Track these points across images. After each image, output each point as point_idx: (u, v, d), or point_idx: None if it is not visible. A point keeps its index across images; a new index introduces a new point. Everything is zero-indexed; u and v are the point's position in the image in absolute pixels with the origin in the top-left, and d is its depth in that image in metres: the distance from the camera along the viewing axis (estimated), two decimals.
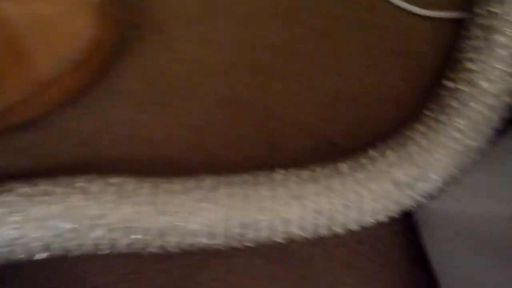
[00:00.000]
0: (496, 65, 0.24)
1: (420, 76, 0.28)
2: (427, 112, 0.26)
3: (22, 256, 0.20)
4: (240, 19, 0.27)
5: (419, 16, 0.28)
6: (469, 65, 0.25)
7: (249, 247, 0.23)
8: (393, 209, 0.23)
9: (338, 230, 0.23)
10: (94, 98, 0.25)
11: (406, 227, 0.27)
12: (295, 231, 0.22)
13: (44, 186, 0.20)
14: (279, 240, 0.23)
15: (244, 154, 0.26)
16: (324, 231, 0.23)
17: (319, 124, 0.27)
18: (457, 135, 0.24)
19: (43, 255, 0.20)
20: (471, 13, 0.27)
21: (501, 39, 0.25)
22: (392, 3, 0.28)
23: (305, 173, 0.23)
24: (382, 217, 0.23)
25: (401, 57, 0.28)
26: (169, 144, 0.25)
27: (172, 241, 0.21)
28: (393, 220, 0.26)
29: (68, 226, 0.19)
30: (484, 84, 0.24)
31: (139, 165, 0.25)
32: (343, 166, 0.23)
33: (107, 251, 0.21)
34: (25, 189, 0.20)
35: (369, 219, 0.23)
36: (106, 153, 0.24)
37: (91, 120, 0.25)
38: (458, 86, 0.25)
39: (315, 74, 0.27)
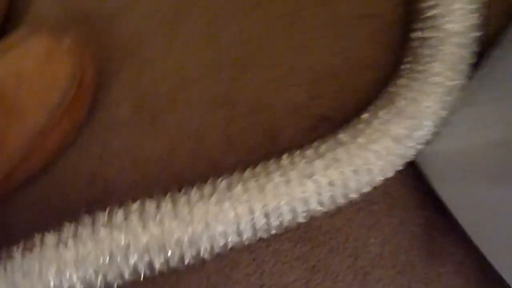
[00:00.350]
0: (456, 6, 0.26)
1: (390, 33, 0.29)
2: (405, 66, 0.27)
3: None
4: (208, 22, 0.27)
5: None
6: (431, 12, 0.26)
7: (274, 235, 0.24)
8: (399, 163, 0.25)
9: (354, 195, 0.24)
10: (90, 136, 0.25)
11: (413, 177, 0.29)
12: (315, 207, 0.23)
13: (69, 229, 0.21)
14: (302, 220, 0.24)
15: (248, 149, 0.27)
16: (341, 201, 0.24)
17: (309, 103, 0.28)
18: (437, 79, 0.25)
19: None
20: None
21: None
22: None
23: (310, 152, 0.24)
24: (390, 173, 0.25)
25: (368, 20, 0.29)
26: (173, 158, 0.26)
27: (204, 247, 0.22)
28: (399, 173, 0.28)
29: (104, 259, 0.20)
30: (449, 26, 0.26)
31: (151, 186, 0.25)
32: (343, 136, 0.25)
33: (146, 274, 0.21)
34: (52, 238, 0.21)
35: (379, 178, 0.24)
36: (117, 183, 0.25)
37: (93, 157, 0.25)
38: (426, 34, 0.26)
39: (292, 57, 0.28)
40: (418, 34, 0.27)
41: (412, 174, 0.28)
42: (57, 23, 0.26)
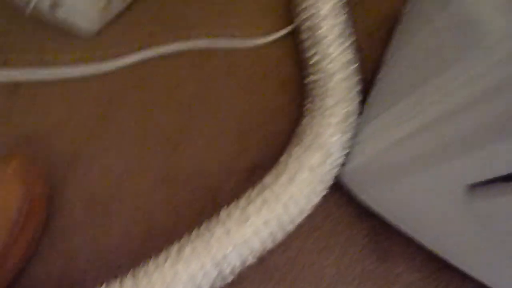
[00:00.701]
0: (330, 50, 0.31)
1: (291, 82, 0.34)
2: (306, 107, 0.32)
3: None
4: (135, 115, 0.32)
5: (265, 44, 0.35)
6: (314, 59, 0.32)
7: (237, 283, 0.27)
8: (321, 188, 0.28)
9: (290, 228, 0.27)
10: (51, 240, 0.28)
11: (346, 196, 0.32)
12: (259, 246, 0.26)
13: None
14: (252, 261, 0.27)
15: (195, 214, 0.30)
16: (280, 235, 0.27)
17: (238, 158, 0.32)
18: (333, 110, 0.30)
19: None
20: (296, 23, 0.34)
21: (323, 33, 0.32)
22: (241, 48, 0.35)
23: (243, 201, 0.28)
24: (316, 199, 0.28)
25: (270, 76, 0.34)
26: (130, 240, 0.29)
27: None
28: (333, 196, 0.32)
29: None
30: (330, 66, 0.31)
31: (115, 268, 0.28)
32: (268, 179, 0.28)
33: None
34: None
35: (308, 206, 0.28)
36: (84, 274, 0.27)
37: (58, 257, 0.28)
38: (315, 77, 0.32)
39: (215, 124, 0.32)
40: (309, 78, 0.32)
41: (345, 193, 0.32)
42: (1, 150, 0.29)
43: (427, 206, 0.25)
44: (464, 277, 0.31)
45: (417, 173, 0.24)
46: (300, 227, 0.31)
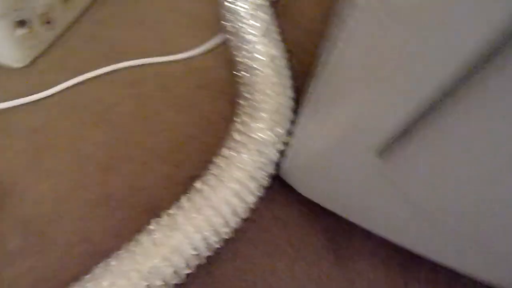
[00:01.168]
0: (256, 47, 0.31)
1: (226, 91, 0.34)
2: (238, 107, 0.31)
3: None
4: (69, 140, 0.32)
5: (197, 56, 0.35)
6: (242, 57, 0.32)
7: None
8: (254, 186, 0.27)
9: (226, 231, 0.26)
10: None
11: (296, 195, 0.31)
12: (192, 254, 0.25)
13: None
14: (187, 271, 0.25)
15: (135, 232, 0.29)
16: (216, 240, 0.26)
17: (177, 171, 0.31)
18: (262, 105, 0.29)
19: None
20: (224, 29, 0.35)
21: (247, 31, 0.32)
22: (175, 62, 0.35)
23: (172, 210, 0.26)
24: (251, 198, 0.27)
25: (205, 88, 0.34)
26: (67, 266, 0.28)
27: None
28: (279, 195, 0.30)
29: None
30: (257, 63, 0.31)
31: None
32: (198, 184, 0.27)
33: None
34: None
35: (241, 207, 0.26)
36: None
37: None
38: (244, 75, 0.31)
39: (150, 140, 0.32)
40: (240, 77, 0.32)
41: (294, 192, 0.30)
42: None
43: (353, 186, 0.24)
44: (433, 267, 0.29)
45: (335, 152, 0.23)
46: (246, 232, 0.30)
